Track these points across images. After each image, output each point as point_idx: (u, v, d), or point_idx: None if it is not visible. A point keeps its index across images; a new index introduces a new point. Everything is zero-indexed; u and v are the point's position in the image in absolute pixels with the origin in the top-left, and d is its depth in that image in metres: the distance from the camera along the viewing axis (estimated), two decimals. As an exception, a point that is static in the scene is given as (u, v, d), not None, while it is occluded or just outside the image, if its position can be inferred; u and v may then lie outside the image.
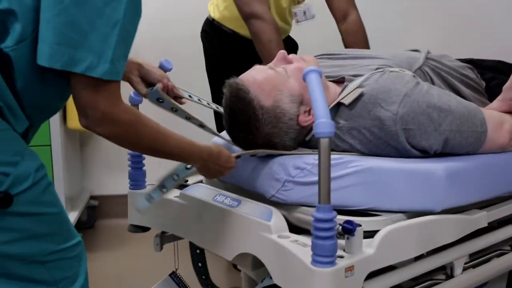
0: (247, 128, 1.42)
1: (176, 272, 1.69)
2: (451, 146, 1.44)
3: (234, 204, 1.40)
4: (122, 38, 1.08)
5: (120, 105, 1.14)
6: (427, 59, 1.65)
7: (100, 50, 1.06)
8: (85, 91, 1.10)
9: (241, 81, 1.43)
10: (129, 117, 1.16)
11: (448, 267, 1.47)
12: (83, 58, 1.06)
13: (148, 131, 1.21)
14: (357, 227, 1.16)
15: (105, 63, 1.07)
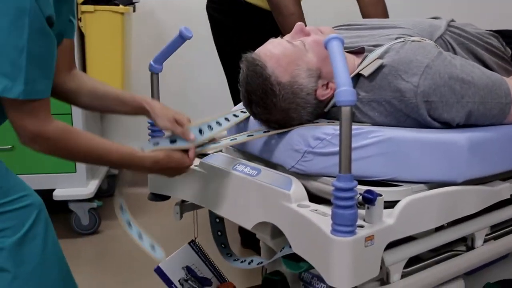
0: (264, 104, 1.41)
1: (195, 241, 1.70)
2: (474, 118, 1.42)
3: (254, 173, 1.40)
4: (32, 61, 1.16)
5: (47, 122, 1.22)
6: (449, 27, 1.62)
7: (12, 74, 1.15)
8: (11, 112, 1.20)
9: (258, 56, 1.41)
10: (58, 134, 1.23)
11: (469, 239, 1.46)
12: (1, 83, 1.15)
13: (81, 144, 1.27)
14: (377, 196, 1.15)
15: (19, 85, 1.15)
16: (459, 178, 1.34)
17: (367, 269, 1.15)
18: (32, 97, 1.18)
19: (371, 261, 1.16)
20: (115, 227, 2.68)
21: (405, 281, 1.30)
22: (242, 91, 1.45)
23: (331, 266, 1.13)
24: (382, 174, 1.33)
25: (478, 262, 1.48)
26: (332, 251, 1.13)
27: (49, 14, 1.19)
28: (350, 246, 1.11)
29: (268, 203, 1.34)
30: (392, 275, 1.27)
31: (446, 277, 1.41)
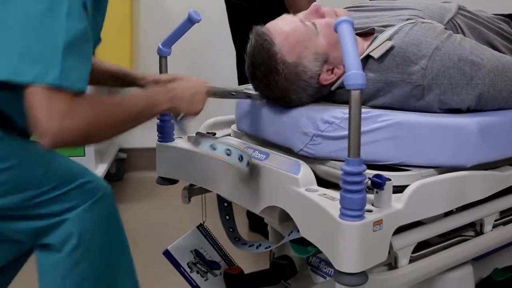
0: (267, 80, 1.41)
1: (204, 225, 1.70)
2: (484, 101, 1.41)
3: (262, 157, 1.40)
4: (69, 46, 1.08)
5: (67, 106, 1.09)
6: (459, 10, 1.60)
7: (47, 58, 1.06)
8: (31, 104, 1.08)
9: (268, 30, 1.41)
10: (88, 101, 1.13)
11: (478, 224, 1.45)
12: (29, 68, 1.06)
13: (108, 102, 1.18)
14: (386, 181, 1.15)
15: (55, 70, 1.06)
16: (468, 163, 1.33)
17: (375, 253, 1.15)
18: (69, 84, 1.08)
19: (379, 246, 1.16)
20: (125, 210, 2.69)
21: (413, 265, 1.30)
22: (247, 62, 1.45)
23: (339, 250, 1.13)
24: (391, 158, 1.32)
25: (486, 247, 1.47)
26: (340, 236, 1.12)
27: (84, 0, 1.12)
28: (359, 230, 1.11)
29: (277, 187, 1.33)
30: (400, 260, 1.27)
31: (455, 262, 1.41)
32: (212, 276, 1.67)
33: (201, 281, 1.65)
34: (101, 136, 1.21)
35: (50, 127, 1.07)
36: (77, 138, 1.11)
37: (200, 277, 1.65)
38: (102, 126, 1.16)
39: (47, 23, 1.06)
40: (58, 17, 1.07)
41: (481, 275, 1.61)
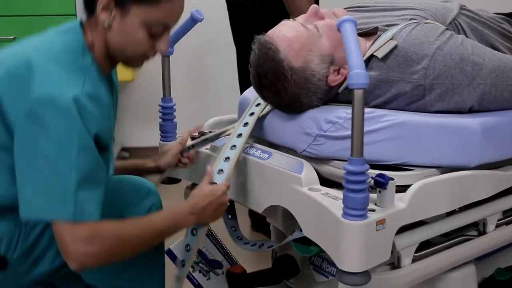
0: (275, 88, 1.40)
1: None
2: (486, 101, 1.40)
3: (265, 156, 1.40)
4: (81, 182, 1.16)
5: (89, 233, 1.17)
6: (461, 10, 1.60)
7: (63, 196, 1.15)
8: (58, 233, 1.17)
9: (271, 38, 1.40)
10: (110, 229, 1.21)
11: (481, 224, 1.45)
12: (49, 206, 1.15)
13: (130, 228, 1.24)
14: (389, 180, 1.15)
15: (69, 207, 1.15)
16: (471, 163, 1.33)
17: (378, 253, 1.15)
18: (82, 218, 1.16)
19: (382, 245, 1.16)
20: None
21: (416, 265, 1.30)
22: (252, 73, 1.44)
23: (342, 249, 1.13)
24: (394, 158, 1.32)
25: (489, 247, 1.47)
26: (343, 235, 1.12)
27: (96, 132, 1.20)
28: (361, 230, 1.11)
29: (279, 187, 1.33)
30: (403, 259, 1.27)
31: (457, 262, 1.41)
32: (214, 276, 1.66)
33: (203, 281, 1.65)
34: (124, 257, 1.27)
35: (75, 254, 1.17)
36: (101, 262, 1.21)
37: (202, 277, 1.65)
38: (123, 250, 1.24)
39: (59, 164, 1.15)
40: (68, 157, 1.15)
41: (483, 274, 1.60)
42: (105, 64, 1.30)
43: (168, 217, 1.30)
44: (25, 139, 1.17)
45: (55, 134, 1.14)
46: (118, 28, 1.25)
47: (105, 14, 1.23)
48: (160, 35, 1.27)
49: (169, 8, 1.25)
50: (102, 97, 1.23)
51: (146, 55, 1.30)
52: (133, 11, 1.23)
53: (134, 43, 1.26)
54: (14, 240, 1.26)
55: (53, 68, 1.18)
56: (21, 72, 1.18)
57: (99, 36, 1.27)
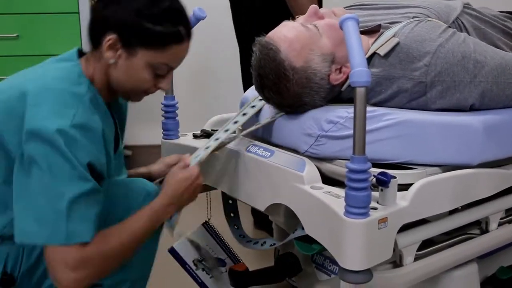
0: (277, 88, 1.40)
1: (209, 222, 1.70)
2: (488, 99, 1.40)
3: (267, 154, 1.40)
4: (72, 208, 1.18)
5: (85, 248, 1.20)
6: (464, 8, 1.59)
7: (54, 222, 1.17)
8: (48, 258, 1.20)
9: (271, 39, 1.40)
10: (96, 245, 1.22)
11: (483, 222, 1.45)
12: (42, 231, 1.18)
13: (114, 234, 1.26)
14: (391, 179, 1.15)
15: (62, 232, 1.17)
16: (473, 161, 1.33)
17: (380, 251, 1.15)
18: (76, 241, 1.18)
19: (384, 244, 1.16)
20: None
21: (418, 263, 1.30)
22: (254, 75, 1.44)
23: (344, 248, 1.13)
24: (396, 157, 1.32)
25: (492, 245, 1.47)
26: (345, 233, 1.12)
27: (89, 161, 1.21)
28: (363, 228, 1.11)
29: (281, 185, 1.33)
30: (405, 258, 1.27)
31: (460, 261, 1.40)
32: (217, 273, 1.67)
33: (207, 278, 1.65)
34: (113, 269, 1.29)
35: (66, 281, 1.19)
36: (92, 282, 1.24)
37: (206, 274, 1.65)
38: (111, 264, 1.26)
39: (50, 192, 1.18)
40: (59, 185, 1.18)
41: (486, 273, 1.60)
42: (106, 93, 1.33)
43: (149, 216, 1.31)
44: (20, 169, 1.20)
45: (44, 165, 1.17)
46: (123, 67, 1.27)
47: (110, 53, 1.26)
48: (164, 75, 1.31)
49: (176, 53, 1.29)
50: (95, 125, 1.24)
51: (147, 92, 1.34)
52: (140, 54, 1.26)
53: (138, 82, 1.30)
54: (19, 257, 1.29)
55: (45, 100, 1.21)
56: (16, 105, 1.21)
57: (101, 70, 1.30)
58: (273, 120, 1.47)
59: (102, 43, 1.26)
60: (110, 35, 1.24)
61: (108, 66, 1.28)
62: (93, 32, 1.29)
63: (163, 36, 1.25)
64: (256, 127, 1.49)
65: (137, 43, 1.25)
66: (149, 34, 1.24)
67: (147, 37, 1.24)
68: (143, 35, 1.24)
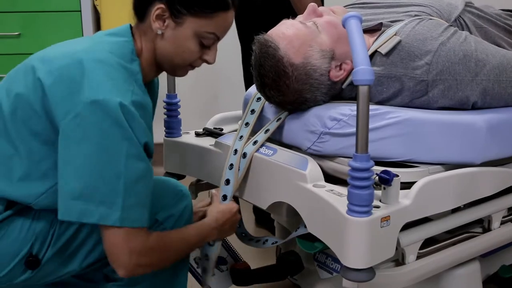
0: (277, 86, 1.40)
1: (211, 220, 1.70)
2: (490, 97, 1.40)
3: (269, 153, 1.40)
4: (129, 188, 1.17)
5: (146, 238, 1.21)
6: (466, 7, 1.59)
7: (109, 201, 1.16)
8: (109, 240, 1.19)
9: (270, 37, 1.40)
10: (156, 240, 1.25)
11: (486, 221, 1.45)
12: (94, 209, 1.16)
13: (173, 237, 1.30)
14: (394, 177, 1.15)
15: (116, 211, 1.16)
16: (477, 160, 1.33)
17: (382, 249, 1.15)
18: (128, 224, 1.18)
19: (386, 242, 1.16)
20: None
21: (420, 262, 1.30)
22: (254, 74, 1.44)
23: (347, 246, 1.13)
24: (399, 155, 1.32)
25: (494, 244, 1.47)
26: (347, 231, 1.12)
27: (146, 141, 1.21)
28: (366, 226, 1.11)
29: (284, 183, 1.33)
30: (407, 256, 1.27)
31: (462, 259, 1.40)
32: (218, 272, 1.67)
33: (208, 276, 1.65)
34: (164, 266, 1.31)
35: (128, 264, 1.20)
36: (148, 271, 1.25)
37: (207, 272, 1.65)
38: (168, 259, 1.29)
39: (107, 170, 1.16)
40: (116, 164, 1.16)
41: (488, 272, 1.60)
42: (151, 70, 1.33)
43: (199, 230, 1.37)
44: (71, 141, 1.16)
45: (102, 140, 1.15)
46: (170, 37, 1.27)
47: (158, 23, 1.26)
48: (210, 46, 1.31)
49: (223, 20, 1.29)
50: (148, 105, 1.24)
51: (193, 64, 1.33)
52: (187, 22, 1.26)
53: (185, 53, 1.29)
54: (47, 240, 1.27)
55: (105, 73, 1.18)
56: (72, 73, 1.18)
57: (148, 43, 1.30)
58: (280, 121, 1.46)
59: (149, 14, 1.26)
60: (158, 5, 1.25)
61: (154, 38, 1.28)
62: (140, 4, 1.29)
63: (210, 3, 1.26)
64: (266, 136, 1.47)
65: (185, 11, 1.25)
66: (198, 1, 1.25)
67: (196, 4, 1.25)
68: (192, 2, 1.25)
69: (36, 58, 1.25)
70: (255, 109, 1.55)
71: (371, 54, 1.41)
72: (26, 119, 1.20)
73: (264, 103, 1.54)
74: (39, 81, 1.19)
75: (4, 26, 2.68)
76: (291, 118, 1.45)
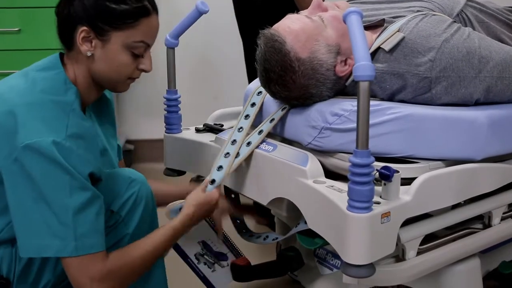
0: (283, 81, 1.39)
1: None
2: (493, 94, 1.40)
3: (269, 149, 1.40)
4: (78, 218, 1.19)
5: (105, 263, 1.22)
6: (468, 1, 1.59)
7: (62, 234, 1.19)
8: (71, 271, 1.22)
9: (276, 31, 1.39)
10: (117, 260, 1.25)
11: (486, 217, 1.45)
12: (50, 243, 1.19)
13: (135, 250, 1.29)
14: (394, 173, 1.15)
15: (71, 242, 1.19)
16: (478, 156, 1.32)
17: (383, 245, 1.15)
18: (85, 252, 1.20)
19: (387, 238, 1.16)
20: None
21: (420, 258, 1.30)
22: (259, 69, 1.43)
23: (347, 242, 1.13)
24: (400, 151, 1.32)
25: (494, 240, 1.47)
26: (348, 227, 1.12)
27: (89, 171, 1.23)
28: (366, 222, 1.11)
29: (284, 179, 1.33)
30: (407, 252, 1.27)
31: (462, 255, 1.40)
32: (219, 268, 1.67)
33: (209, 272, 1.65)
34: (136, 278, 1.31)
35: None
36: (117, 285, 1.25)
37: (208, 268, 1.65)
38: (133, 276, 1.29)
39: (54, 205, 1.18)
40: (62, 198, 1.19)
41: (488, 268, 1.60)
42: (90, 93, 1.34)
43: (169, 235, 1.34)
44: (15, 184, 1.20)
45: (44, 180, 1.18)
46: (101, 56, 1.28)
47: (86, 45, 1.27)
48: (142, 54, 1.31)
49: (147, 26, 1.29)
50: (88, 132, 1.26)
51: (131, 77, 1.33)
52: (113, 37, 1.26)
53: (119, 67, 1.29)
54: (13, 261, 1.29)
55: (36, 115, 1.21)
56: (5, 121, 1.20)
57: (81, 68, 1.30)
58: (286, 110, 1.46)
59: (75, 39, 1.27)
60: (81, 28, 1.25)
61: (86, 62, 1.29)
62: (64, 33, 1.29)
63: (131, 13, 1.26)
64: (271, 126, 1.47)
65: (108, 27, 1.25)
66: (118, 15, 1.25)
67: (116, 18, 1.25)
68: (112, 17, 1.25)
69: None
70: (256, 103, 1.55)
71: (374, 50, 1.41)
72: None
73: (265, 96, 1.54)
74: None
75: (4, 21, 2.68)
76: (293, 112, 1.44)
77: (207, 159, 1.57)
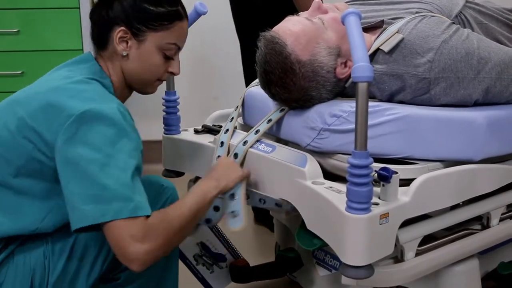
0: (283, 83, 1.39)
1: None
2: (491, 95, 1.40)
3: (268, 150, 1.40)
4: (134, 179, 1.19)
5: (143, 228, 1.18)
6: (467, 2, 1.59)
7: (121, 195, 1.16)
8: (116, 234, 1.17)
9: (277, 34, 1.39)
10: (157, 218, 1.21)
11: (485, 217, 1.45)
12: (108, 207, 1.16)
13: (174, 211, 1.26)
14: (393, 174, 1.15)
15: (130, 203, 1.16)
16: (476, 157, 1.32)
17: (381, 246, 1.15)
18: (142, 213, 1.17)
19: (385, 239, 1.16)
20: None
21: (419, 259, 1.30)
22: (259, 71, 1.43)
23: (346, 243, 1.13)
24: (398, 152, 1.32)
25: (493, 241, 1.47)
26: (346, 229, 1.12)
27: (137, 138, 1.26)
28: (365, 223, 1.11)
29: (283, 180, 1.33)
30: (406, 253, 1.27)
31: (461, 256, 1.41)
32: (218, 269, 1.67)
33: (207, 274, 1.65)
34: (176, 243, 1.29)
35: (136, 255, 1.16)
36: (160, 254, 1.21)
37: (206, 270, 1.66)
38: (174, 236, 1.24)
39: (113, 166, 1.17)
40: (120, 158, 1.18)
41: (487, 268, 1.61)
42: (123, 91, 1.39)
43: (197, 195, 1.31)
44: (71, 152, 1.18)
45: (102, 141, 1.18)
46: (136, 56, 1.33)
47: (122, 45, 1.32)
48: (172, 56, 1.37)
49: (180, 30, 1.36)
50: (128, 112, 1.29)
51: (160, 78, 1.39)
52: (149, 38, 1.32)
53: (151, 67, 1.35)
54: (46, 271, 1.28)
55: (86, 93, 1.23)
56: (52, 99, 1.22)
57: (115, 67, 1.35)
58: (284, 112, 1.46)
59: (111, 39, 1.32)
60: (118, 28, 1.30)
61: (121, 61, 1.33)
62: (101, 33, 1.33)
63: (166, 15, 1.33)
64: (268, 126, 1.48)
65: (145, 28, 1.31)
66: (154, 16, 1.31)
67: (153, 19, 1.31)
68: (149, 18, 1.31)
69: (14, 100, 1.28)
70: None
71: (373, 51, 1.41)
72: None
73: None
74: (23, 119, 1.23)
75: (3, 22, 2.68)
76: (292, 114, 1.44)
77: (205, 160, 1.57)
